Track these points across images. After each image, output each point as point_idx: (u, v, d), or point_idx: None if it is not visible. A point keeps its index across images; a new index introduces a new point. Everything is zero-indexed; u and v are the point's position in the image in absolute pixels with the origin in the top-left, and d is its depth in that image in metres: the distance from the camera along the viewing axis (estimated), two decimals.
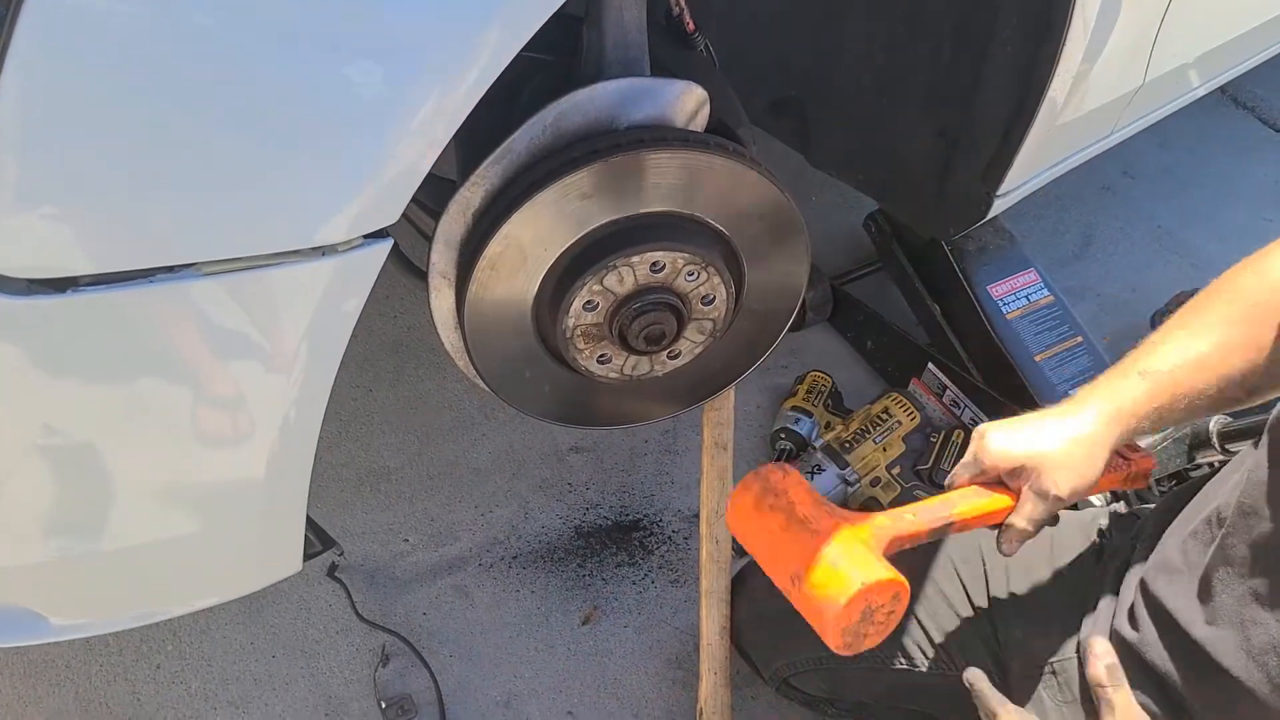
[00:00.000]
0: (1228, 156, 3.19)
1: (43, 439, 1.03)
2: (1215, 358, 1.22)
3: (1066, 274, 2.72)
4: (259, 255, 0.93)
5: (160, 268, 0.92)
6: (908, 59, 1.71)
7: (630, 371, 1.46)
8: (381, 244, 1.00)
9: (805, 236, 1.41)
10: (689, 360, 1.48)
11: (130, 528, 1.15)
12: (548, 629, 1.95)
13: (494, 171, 1.26)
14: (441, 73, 0.93)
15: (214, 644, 1.87)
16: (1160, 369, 1.24)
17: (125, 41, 0.84)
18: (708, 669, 1.71)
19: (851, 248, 2.60)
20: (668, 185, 1.28)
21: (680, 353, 1.46)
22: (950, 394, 2.20)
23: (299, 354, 1.02)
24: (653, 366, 1.47)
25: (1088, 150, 1.98)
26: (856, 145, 1.95)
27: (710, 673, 1.71)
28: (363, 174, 0.93)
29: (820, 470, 2.07)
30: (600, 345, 1.40)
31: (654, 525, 2.11)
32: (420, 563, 2.02)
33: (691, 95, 1.30)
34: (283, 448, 1.10)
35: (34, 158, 0.85)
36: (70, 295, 0.90)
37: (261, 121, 0.89)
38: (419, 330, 2.41)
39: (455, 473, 2.17)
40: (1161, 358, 1.24)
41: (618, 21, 1.29)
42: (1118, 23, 1.58)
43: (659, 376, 1.49)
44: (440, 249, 1.31)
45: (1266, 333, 1.19)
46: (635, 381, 1.48)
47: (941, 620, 1.41)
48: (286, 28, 0.87)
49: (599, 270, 1.29)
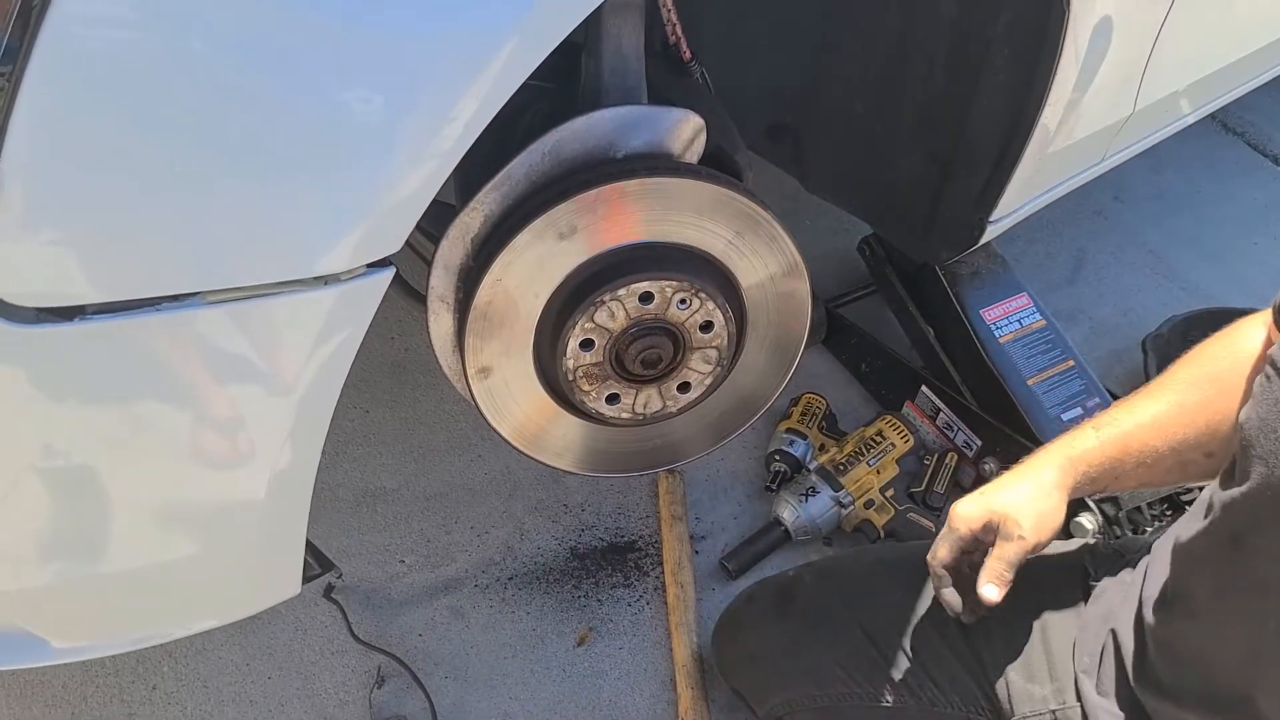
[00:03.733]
0: (1218, 181, 3.22)
1: (48, 464, 1.04)
2: (1170, 417, 1.26)
3: (1059, 297, 2.74)
4: (262, 285, 0.95)
5: (166, 296, 0.93)
6: (900, 86, 1.73)
7: (642, 409, 1.46)
8: (383, 273, 1.01)
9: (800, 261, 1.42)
10: (702, 392, 1.49)
11: (132, 551, 1.16)
12: (543, 650, 1.96)
13: (493, 197, 1.27)
14: (445, 104, 0.94)
15: (210, 665, 1.88)
16: (1115, 425, 1.30)
17: (132, 75, 0.85)
18: (685, 685, 1.88)
19: (846, 271, 2.62)
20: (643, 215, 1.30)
21: (690, 384, 1.46)
22: (944, 417, 2.22)
23: (301, 381, 1.03)
24: (664, 403, 1.47)
25: (1079, 177, 2.00)
26: (850, 171, 1.97)
27: (687, 689, 1.88)
28: (364, 204, 0.94)
29: (814, 492, 2.08)
30: (605, 385, 1.40)
31: (649, 546, 2.12)
32: (416, 584, 2.03)
33: (688, 123, 1.32)
34: (283, 473, 1.11)
35: (43, 188, 0.87)
36: (77, 324, 0.92)
37: (264, 152, 0.91)
38: (416, 351, 2.42)
39: (452, 494, 2.18)
40: (1119, 416, 1.31)
41: (616, 50, 1.31)
42: (1109, 52, 1.61)
43: (674, 412, 1.50)
44: (439, 273, 1.32)
45: (1225, 399, 1.21)
46: (650, 420, 1.49)
47: (934, 657, 1.41)
48: (289, 59, 0.88)
49: (588, 307, 1.30)
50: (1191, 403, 1.25)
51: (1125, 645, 1.26)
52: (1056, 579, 1.41)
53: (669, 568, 2.05)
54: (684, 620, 1.97)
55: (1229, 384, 1.21)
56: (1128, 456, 1.28)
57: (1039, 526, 1.27)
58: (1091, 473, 1.30)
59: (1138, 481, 1.32)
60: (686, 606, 1.99)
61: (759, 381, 1.57)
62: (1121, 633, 1.27)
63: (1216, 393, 1.23)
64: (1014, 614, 1.38)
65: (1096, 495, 1.38)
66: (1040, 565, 1.41)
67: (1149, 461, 1.27)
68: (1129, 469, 1.29)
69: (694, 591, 2.02)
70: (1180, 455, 1.26)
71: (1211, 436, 1.23)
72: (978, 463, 2.16)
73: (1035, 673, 1.34)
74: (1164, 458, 1.26)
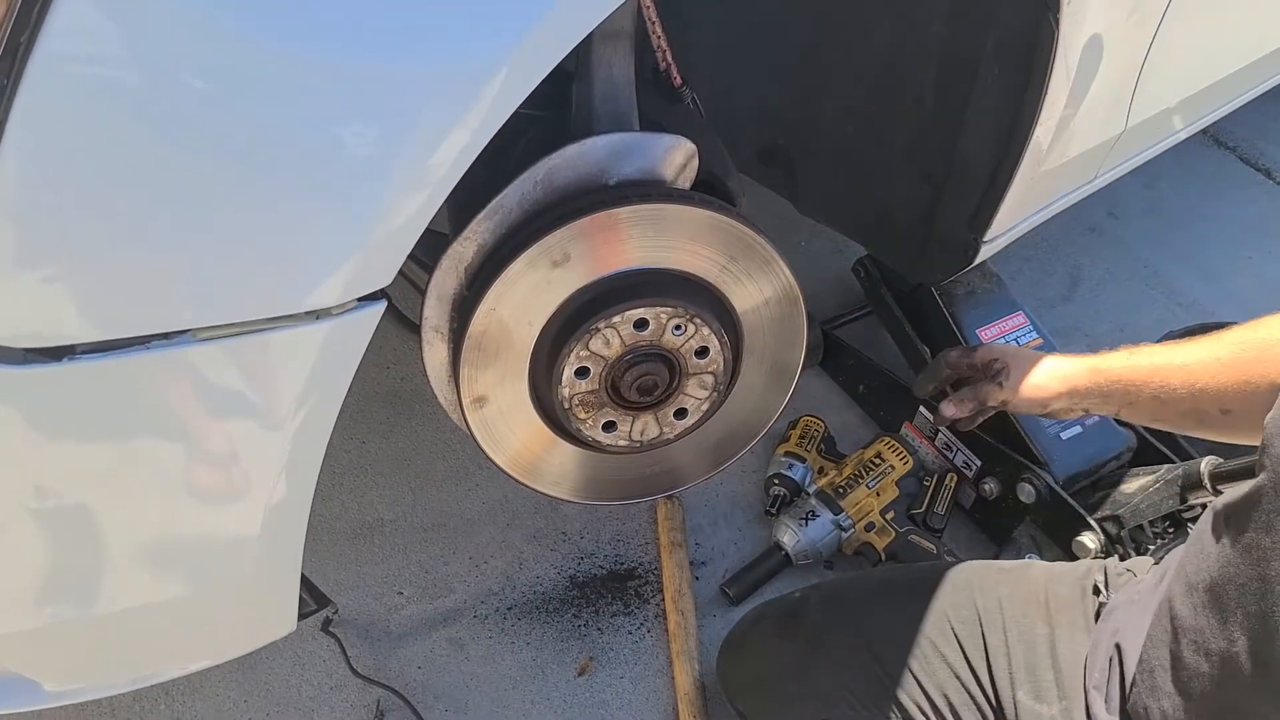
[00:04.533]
0: (1211, 196, 3.23)
1: (40, 504, 1.03)
2: (1201, 365, 1.32)
3: (1056, 315, 2.74)
4: (253, 321, 0.94)
5: (155, 335, 0.92)
6: (891, 107, 1.74)
7: (639, 436, 1.46)
8: (375, 306, 1.00)
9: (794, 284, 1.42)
10: (699, 418, 1.48)
11: (126, 592, 1.15)
12: (544, 681, 1.94)
13: (486, 226, 1.27)
14: (434, 137, 0.94)
15: (207, 703, 1.86)
16: (1148, 356, 1.40)
17: (120, 112, 0.85)
18: (688, 714, 1.87)
19: (842, 292, 2.61)
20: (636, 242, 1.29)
21: (687, 410, 1.46)
22: (942, 437, 2.21)
23: (293, 417, 1.02)
24: (662, 429, 1.46)
25: (1073, 195, 2.00)
26: (843, 192, 1.97)
27: (690, 717, 1.86)
28: (354, 239, 0.94)
29: (814, 516, 2.06)
30: (602, 412, 1.40)
31: (649, 574, 2.10)
32: (414, 616, 2.01)
33: (680, 149, 1.32)
34: (277, 509, 1.10)
35: (32, 227, 0.86)
36: (67, 364, 0.91)
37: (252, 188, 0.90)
38: (413, 381, 2.41)
39: (449, 524, 2.16)
40: (1157, 350, 1.40)
41: (607, 77, 1.31)
42: (1099, 69, 1.61)
43: (671, 438, 1.49)
44: (433, 304, 1.32)
45: (1262, 366, 1.24)
46: (648, 447, 1.48)
47: (939, 680, 1.40)
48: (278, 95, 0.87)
49: (583, 334, 1.30)
50: (1227, 357, 1.29)
51: (1129, 662, 1.25)
52: (1067, 597, 1.40)
53: (669, 595, 2.04)
54: (685, 648, 1.95)
55: (1272, 354, 1.24)
56: (1147, 386, 1.37)
57: (1021, 388, 1.51)
58: (1106, 387, 1.43)
59: (1150, 415, 1.40)
60: (688, 634, 1.97)
61: (756, 405, 1.56)
62: (1126, 649, 1.26)
63: (1255, 356, 1.26)
64: (1023, 634, 1.37)
65: (1108, 413, 1.50)
66: (1051, 583, 1.41)
67: (1164, 398, 1.35)
68: (1144, 399, 1.38)
69: (695, 619, 2.01)
70: (1198, 402, 1.31)
71: (1235, 394, 1.27)
72: (977, 483, 2.14)
73: (1043, 692, 1.33)
74: (1182, 400, 1.33)
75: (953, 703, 1.39)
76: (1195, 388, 1.31)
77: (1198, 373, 1.31)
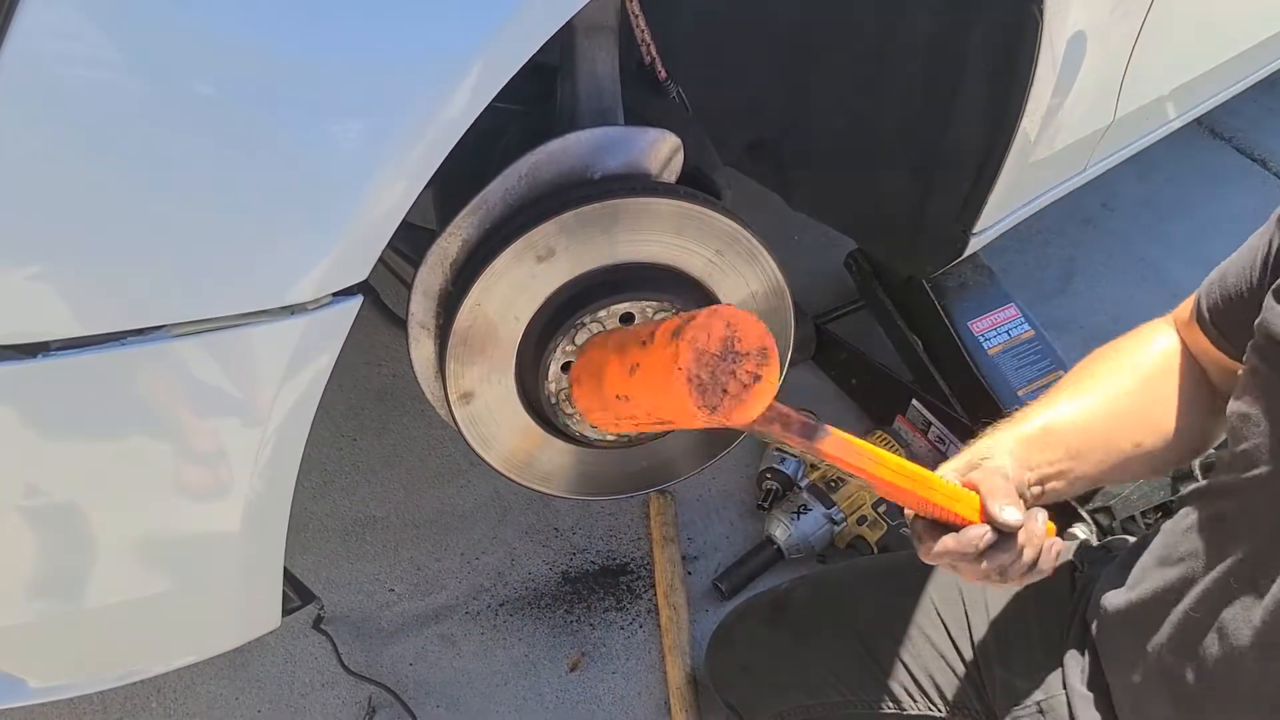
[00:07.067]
0: (1206, 187, 3.22)
1: (18, 501, 1.02)
2: (1097, 412, 1.30)
3: (1050, 307, 2.73)
4: (227, 316, 0.94)
5: (130, 330, 0.92)
6: (879, 100, 1.73)
7: None
8: (351, 301, 1.00)
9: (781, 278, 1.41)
10: None
11: (108, 587, 1.14)
12: (535, 677, 1.94)
13: (470, 222, 1.26)
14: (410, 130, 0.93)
15: (199, 700, 1.86)
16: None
17: (95, 108, 0.84)
18: (679, 709, 1.88)
19: (834, 286, 2.61)
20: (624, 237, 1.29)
21: None
22: (935, 430, 2.20)
23: (271, 412, 1.02)
24: None
25: (1063, 186, 2.00)
26: (832, 186, 1.97)
27: (682, 712, 1.87)
28: (329, 234, 0.93)
29: (806, 510, 2.06)
30: None
31: (641, 569, 2.10)
32: (406, 612, 2.01)
33: (665, 143, 1.31)
34: (257, 504, 1.10)
35: (5, 223, 0.86)
36: (41, 360, 0.91)
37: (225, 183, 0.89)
38: (402, 378, 2.40)
39: (441, 520, 2.16)
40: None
41: (590, 72, 1.30)
42: (1085, 61, 1.61)
43: (659, 432, 1.48)
44: (419, 299, 1.31)
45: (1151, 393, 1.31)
46: (636, 441, 1.47)
47: (926, 663, 1.41)
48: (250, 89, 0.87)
49: (569, 329, 1.29)
50: (1123, 394, 1.31)
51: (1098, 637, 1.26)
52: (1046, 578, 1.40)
53: (661, 590, 2.04)
54: (677, 643, 1.95)
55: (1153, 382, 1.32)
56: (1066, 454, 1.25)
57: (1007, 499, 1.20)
58: (1045, 439, 1.27)
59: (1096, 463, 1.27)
60: (680, 629, 1.97)
61: None
62: (1096, 624, 1.27)
63: (1138, 385, 1.32)
64: (1005, 610, 1.38)
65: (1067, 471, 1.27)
66: None
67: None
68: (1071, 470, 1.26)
69: (687, 613, 2.01)
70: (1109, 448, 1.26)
71: (1142, 428, 1.27)
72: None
73: (1021, 667, 1.34)
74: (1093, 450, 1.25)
75: (938, 683, 1.40)
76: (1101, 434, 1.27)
77: (1096, 420, 1.28)
